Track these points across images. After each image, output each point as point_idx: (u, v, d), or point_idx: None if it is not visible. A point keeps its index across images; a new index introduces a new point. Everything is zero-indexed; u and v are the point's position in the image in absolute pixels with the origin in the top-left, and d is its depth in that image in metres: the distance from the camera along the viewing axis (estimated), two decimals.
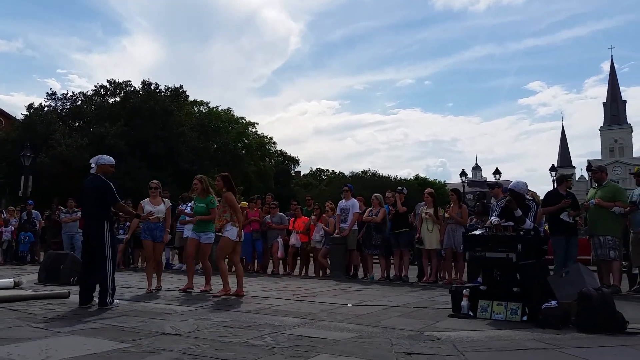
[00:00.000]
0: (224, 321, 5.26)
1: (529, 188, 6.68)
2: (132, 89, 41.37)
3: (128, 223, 13.37)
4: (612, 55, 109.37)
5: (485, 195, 17.61)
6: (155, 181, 8.63)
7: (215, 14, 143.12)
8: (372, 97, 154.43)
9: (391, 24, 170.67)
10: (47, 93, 41.83)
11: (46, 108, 40.38)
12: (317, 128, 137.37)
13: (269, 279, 10.32)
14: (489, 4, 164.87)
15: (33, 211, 15.26)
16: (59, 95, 42.09)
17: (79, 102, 41.78)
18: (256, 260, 12.24)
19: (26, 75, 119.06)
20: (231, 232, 7.47)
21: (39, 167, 29.48)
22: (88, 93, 42.47)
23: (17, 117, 40.72)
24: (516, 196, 6.13)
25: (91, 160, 6.64)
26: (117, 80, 41.92)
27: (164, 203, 8.33)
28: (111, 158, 6.77)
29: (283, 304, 6.60)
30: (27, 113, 39.11)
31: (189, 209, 12.09)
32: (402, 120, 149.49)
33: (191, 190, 8.85)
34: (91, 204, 6.45)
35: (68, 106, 41.72)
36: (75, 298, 6.51)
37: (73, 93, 43.09)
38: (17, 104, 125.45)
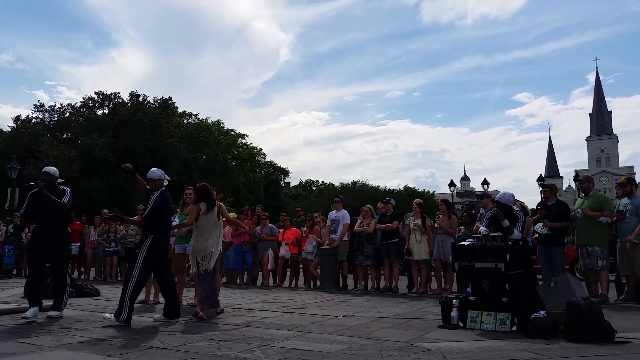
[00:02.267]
0: (213, 334, 5.22)
1: (517, 198, 6.73)
2: (120, 101, 41.26)
3: (119, 235, 13.22)
4: (597, 67, 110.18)
5: (474, 205, 17.67)
6: None
7: (205, 25, 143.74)
8: (361, 108, 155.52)
9: (380, 36, 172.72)
10: (35, 105, 41.85)
11: (34, 120, 40.22)
12: (307, 139, 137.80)
13: (259, 291, 10.26)
14: (475, 18, 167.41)
15: None
16: (46, 107, 42.01)
17: (67, 114, 41.65)
18: (246, 272, 12.17)
19: (14, 87, 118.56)
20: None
21: (25, 179, 29.19)
22: (76, 105, 42.37)
23: (4, 129, 40.53)
24: (503, 207, 6.16)
25: (164, 175, 6.53)
26: (105, 92, 41.85)
27: None
28: None
29: (272, 317, 6.56)
30: (14, 125, 38.92)
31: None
32: (392, 131, 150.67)
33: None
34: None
35: (56, 118, 41.59)
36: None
37: (61, 105, 42.94)
38: (4, 116, 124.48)
